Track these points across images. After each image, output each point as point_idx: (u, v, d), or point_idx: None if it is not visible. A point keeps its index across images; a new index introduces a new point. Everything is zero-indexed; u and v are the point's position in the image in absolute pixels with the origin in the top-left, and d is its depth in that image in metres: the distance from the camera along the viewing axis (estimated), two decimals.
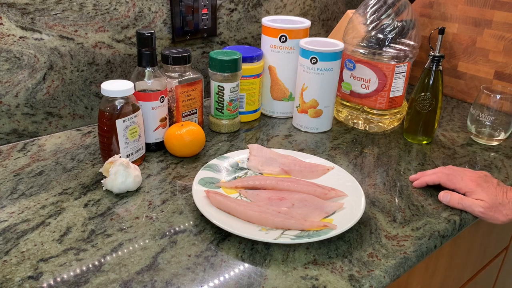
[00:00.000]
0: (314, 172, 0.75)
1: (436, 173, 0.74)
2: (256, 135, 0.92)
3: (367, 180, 0.77)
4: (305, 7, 1.24)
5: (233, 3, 1.06)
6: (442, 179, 0.73)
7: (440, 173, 0.74)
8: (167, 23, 0.97)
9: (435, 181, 0.74)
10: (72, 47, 0.86)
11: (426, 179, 0.75)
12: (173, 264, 0.56)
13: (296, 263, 0.58)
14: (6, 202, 0.67)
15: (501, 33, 1.03)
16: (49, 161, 0.78)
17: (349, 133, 0.95)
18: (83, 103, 0.91)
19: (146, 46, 0.76)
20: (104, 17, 0.88)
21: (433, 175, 0.75)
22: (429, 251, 0.63)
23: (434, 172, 0.75)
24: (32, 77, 0.83)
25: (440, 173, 0.74)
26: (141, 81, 0.77)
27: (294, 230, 0.61)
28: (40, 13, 0.81)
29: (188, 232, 0.62)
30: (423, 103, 0.87)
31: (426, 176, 0.75)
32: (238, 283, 0.54)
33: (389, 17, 0.90)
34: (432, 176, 0.74)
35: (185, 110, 0.86)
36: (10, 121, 0.84)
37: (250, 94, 0.95)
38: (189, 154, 0.81)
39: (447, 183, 0.73)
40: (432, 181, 0.74)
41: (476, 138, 0.93)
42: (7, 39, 0.78)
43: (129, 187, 0.69)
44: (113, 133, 0.72)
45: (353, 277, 0.56)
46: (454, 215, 0.69)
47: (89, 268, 0.55)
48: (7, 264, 0.55)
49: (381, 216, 0.68)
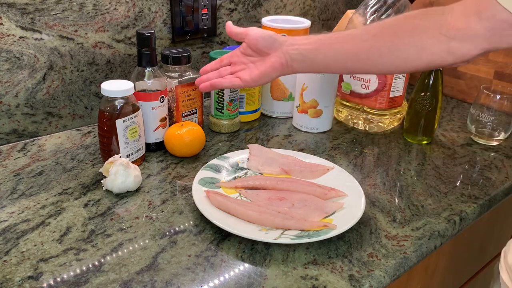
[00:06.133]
0: (314, 172, 0.75)
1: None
2: (256, 135, 0.92)
3: (367, 180, 0.77)
4: (305, 7, 1.24)
5: (233, 3, 1.06)
6: None
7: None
8: (167, 23, 0.97)
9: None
10: (72, 47, 0.86)
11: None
12: (173, 264, 0.56)
13: (296, 263, 0.58)
14: (6, 202, 0.67)
15: None
16: (49, 161, 0.78)
17: (349, 133, 0.95)
18: (83, 103, 0.91)
19: (146, 46, 0.76)
20: (104, 17, 0.88)
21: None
22: (429, 251, 0.63)
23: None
24: (32, 77, 0.83)
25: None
26: (141, 81, 0.77)
27: (294, 230, 0.61)
28: (40, 13, 0.81)
29: (188, 232, 0.62)
30: (423, 103, 0.87)
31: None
32: (238, 283, 0.54)
33: (389, 17, 0.90)
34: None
35: (185, 110, 0.86)
36: (10, 121, 0.84)
37: (250, 94, 0.95)
38: (189, 154, 0.81)
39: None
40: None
41: (476, 138, 0.93)
42: (7, 39, 0.78)
43: (129, 187, 0.69)
44: (113, 133, 0.72)
45: (353, 277, 0.56)
46: (454, 215, 0.69)
47: (89, 268, 0.55)
48: (7, 264, 0.55)
49: (381, 216, 0.68)
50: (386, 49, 0.64)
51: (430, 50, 0.61)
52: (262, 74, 0.71)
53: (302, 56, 0.69)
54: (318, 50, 0.69)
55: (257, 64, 0.72)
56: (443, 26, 0.60)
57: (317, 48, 0.69)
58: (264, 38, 0.71)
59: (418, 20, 0.63)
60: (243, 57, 0.74)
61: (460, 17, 0.59)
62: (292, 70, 0.71)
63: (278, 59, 0.70)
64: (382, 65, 0.66)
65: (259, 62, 0.72)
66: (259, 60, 0.72)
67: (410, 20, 0.64)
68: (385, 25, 0.66)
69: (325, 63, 0.69)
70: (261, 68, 0.71)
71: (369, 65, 0.67)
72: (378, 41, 0.65)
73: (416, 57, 0.63)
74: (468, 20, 0.58)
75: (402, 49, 0.63)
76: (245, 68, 0.73)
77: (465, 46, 0.59)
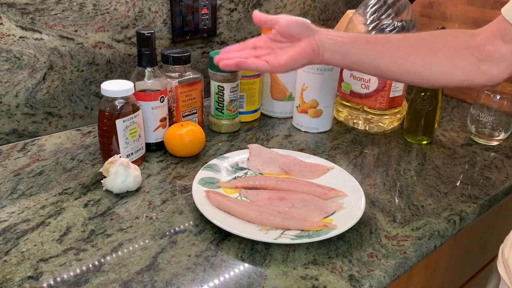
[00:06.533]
0: (314, 172, 0.75)
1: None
2: (256, 135, 0.92)
3: (367, 180, 0.77)
4: (305, 7, 1.24)
5: (233, 3, 1.06)
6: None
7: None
8: (167, 23, 0.97)
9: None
10: (72, 47, 0.86)
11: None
12: (173, 264, 0.56)
13: (296, 263, 0.58)
14: (6, 202, 0.67)
15: None
16: (49, 161, 0.78)
17: (349, 133, 0.95)
18: (83, 103, 0.91)
19: (146, 46, 0.76)
20: (104, 17, 0.88)
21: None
22: (429, 251, 0.63)
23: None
24: (32, 77, 0.83)
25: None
26: (141, 81, 0.77)
27: (294, 230, 0.61)
28: (40, 13, 0.81)
29: (188, 232, 0.62)
30: (423, 103, 0.87)
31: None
32: (238, 283, 0.54)
33: (389, 17, 0.90)
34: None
35: (185, 110, 0.86)
36: (10, 121, 0.84)
37: (250, 94, 0.95)
38: (189, 154, 0.81)
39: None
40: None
41: (476, 138, 0.93)
42: (7, 39, 0.79)
43: (129, 187, 0.69)
44: (113, 133, 0.72)
45: (353, 277, 0.56)
46: (454, 215, 0.69)
47: (89, 268, 0.55)
48: (7, 264, 0.55)
49: (381, 216, 0.68)
50: (420, 60, 0.65)
51: (462, 70, 0.63)
52: (291, 59, 0.68)
53: (336, 46, 0.68)
54: (353, 44, 0.67)
55: (286, 50, 0.69)
56: (474, 48, 0.62)
57: (353, 42, 0.68)
58: (297, 24, 0.69)
59: (451, 38, 0.65)
60: (270, 42, 0.71)
61: (487, 40, 0.61)
62: (322, 59, 0.69)
63: (310, 44, 0.68)
64: (414, 75, 0.66)
65: (287, 47, 0.69)
66: (288, 46, 0.69)
67: (444, 37, 0.65)
68: (421, 37, 0.66)
69: (357, 59, 0.68)
70: (290, 52, 0.69)
71: (401, 71, 0.66)
72: (414, 50, 0.65)
73: (447, 74, 0.64)
74: (494, 43, 0.60)
75: (435, 64, 0.64)
76: (271, 53, 0.70)
77: (494, 69, 0.61)
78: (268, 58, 0.69)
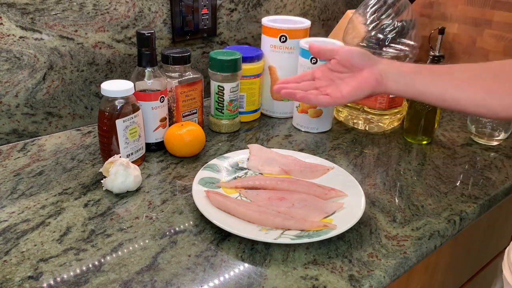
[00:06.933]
0: (314, 172, 0.75)
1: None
2: (256, 135, 0.92)
3: (367, 180, 0.77)
4: (305, 7, 1.24)
5: (233, 3, 1.06)
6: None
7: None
8: (167, 23, 0.97)
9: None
10: (72, 47, 0.86)
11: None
12: (173, 264, 0.56)
13: (296, 263, 0.58)
14: (6, 202, 0.67)
15: (501, 33, 1.03)
16: (49, 161, 0.78)
17: (349, 133, 0.95)
18: (83, 103, 0.91)
19: (146, 46, 0.76)
20: (104, 17, 0.88)
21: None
22: (429, 251, 0.63)
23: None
24: (32, 77, 0.83)
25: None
26: (141, 81, 0.77)
27: (294, 230, 0.61)
28: (40, 13, 0.81)
29: (188, 232, 0.62)
30: (423, 103, 0.87)
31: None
32: (238, 283, 0.54)
33: (389, 17, 0.90)
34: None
35: (185, 110, 0.86)
36: (10, 121, 0.84)
37: (250, 94, 0.95)
38: (189, 154, 0.81)
39: None
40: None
41: (476, 138, 0.93)
42: (7, 39, 0.79)
43: (129, 187, 0.69)
44: (113, 133, 0.72)
45: (353, 277, 0.56)
46: (454, 215, 0.69)
47: (89, 268, 0.55)
48: (7, 264, 0.55)
49: (381, 216, 0.68)
50: (485, 92, 0.62)
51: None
52: (355, 90, 0.68)
53: (400, 77, 0.67)
54: (416, 74, 0.66)
55: (346, 80, 0.69)
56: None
57: (417, 71, 0.67)
58: (359, 55, 0.69)
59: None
60: (329, 73, 0.71)
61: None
62: (385, 89, 0.68)
63: (373, 74, 0.68)
64: (483, 107, 0.63)
65: (348, 78, 0.69)
66: (348, 76, 0.70)
67: (508, 66, 0.63)
68: (483, 67, 0.64)
69: (421, 89, 0.66)
70: (352, 83, 0.69)
71: (468, 103, 0.64)
72: (477, 81, 0.63)
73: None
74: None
75: (505, 96, 0.61)
76: (331, 84, 0.70)
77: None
78: (329, 90, 0.69)
